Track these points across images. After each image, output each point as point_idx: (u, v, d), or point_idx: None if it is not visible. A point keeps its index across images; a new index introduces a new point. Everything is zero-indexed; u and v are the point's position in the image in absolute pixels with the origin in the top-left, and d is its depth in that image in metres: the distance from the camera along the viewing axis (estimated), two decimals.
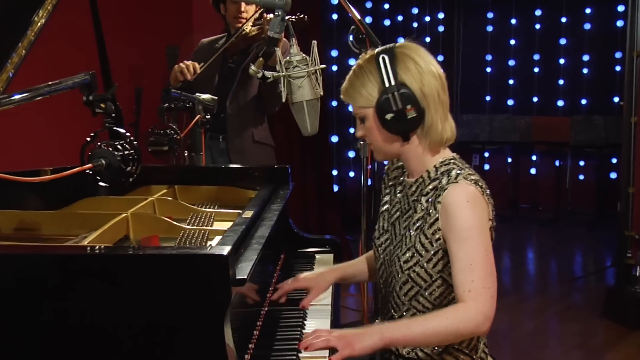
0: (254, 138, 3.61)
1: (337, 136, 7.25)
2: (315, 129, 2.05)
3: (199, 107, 2.74)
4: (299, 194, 5.95)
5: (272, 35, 2.01)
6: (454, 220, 1.67)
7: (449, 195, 1.69)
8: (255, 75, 2.02)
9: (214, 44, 3.66)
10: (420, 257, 1.76)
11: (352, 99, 1.79)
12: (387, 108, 1.73)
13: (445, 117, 1.79)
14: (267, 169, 2.64)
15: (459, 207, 1.67)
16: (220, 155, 3.59)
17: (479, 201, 1.68)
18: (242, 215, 1.94)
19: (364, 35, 2.42)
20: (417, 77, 1.73)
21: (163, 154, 2.58)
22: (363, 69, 1.77)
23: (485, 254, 1.64)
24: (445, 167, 1.78)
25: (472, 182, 1.71)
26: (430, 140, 1.78)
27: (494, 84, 8.08)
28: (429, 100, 1.75)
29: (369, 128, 1.79)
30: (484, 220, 1.68)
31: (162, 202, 2.31)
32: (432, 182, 1.78)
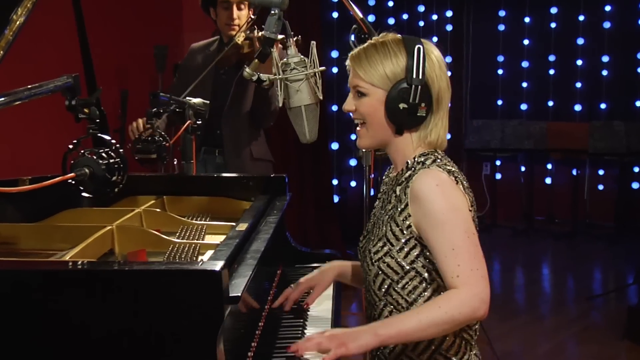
0: (253, 155, 3.63)
1: (338, 143, 7.26)
2: (315, 135, 2.06)
3: (189, 112, 2.75)
4: (297, 205, 5.95)
5: (268, 35, 2.02)
6: (426, 205, 1.70)
7: (418, 180, 1.74)
8: (250, 78, 2.03)
9: (206, 50, 3.68)
10: (391, 247, 1.79)
11: (363, 71, 1.82)
12: (403, 97, 1.77)
13: (446, 126, 1.87)
14: (262, 178, 2.64)
15: (429, 192, 1.70)
16: (216, 171, 3.60)
17: (450, 186, 1.72)
18: (236, 228, 1.94)
19: (366, 35, 2.43)
20: (438, 80, 1.82)
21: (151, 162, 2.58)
22: (388, 47, 1.81)
23: (466, 236, 1.66)
24: (423, 157, 1.83)
25: (444, 170, 1.75)
26: (425, 140, 1.84)
27: (506, 87, 8.09)
28: (440, 106, 1.83)
29: (369, 106, 1.83)
30: (459, 203, 1.71)
31: (150, 214, 2.31)
32: (408, 171, 1.83)
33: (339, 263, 2.18)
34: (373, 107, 1.82)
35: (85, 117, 1.76)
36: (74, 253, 1.76)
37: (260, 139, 3.70)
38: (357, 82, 1.83)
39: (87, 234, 1.92)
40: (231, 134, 3.59)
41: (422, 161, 1.81)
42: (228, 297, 1.43)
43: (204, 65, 3.53)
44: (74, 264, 1.47)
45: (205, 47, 3.73)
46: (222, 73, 3.61)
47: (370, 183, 2.61)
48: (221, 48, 3.61)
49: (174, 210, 2.48)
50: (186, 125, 2.75)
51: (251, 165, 3.62)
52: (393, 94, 1.78)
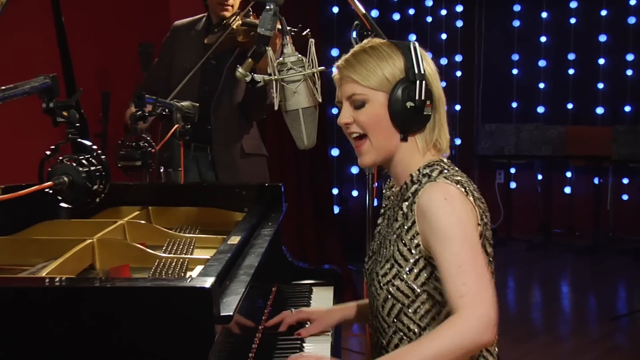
0: (244, 150, 3.63)
1: (338, 149, 7.26)
2: (313, 141, 2.07)
3: (177, 116, 2.76)
4: (294, 216, 5.95)
5: (263, 32, 2.03)
6: (432, 220, 1.71)
7: (424, 194, 1.75)
8: (243, 79, 2.04)
9: (191, 29, 3.68)
10: (400, 268, 1.80)
11: (359, 76, 1.84)
12: (409, 95, 1.80)
13: (446, 127, 1.92)
14: (256, 187, 2.65)
15: (436, 206, 1.71)
16: (208, 169, 3.62)
17: (459, 199, 1.73)
18: (228, 241, 1.95)
19: (369, 31, 2.44)
20: (434, 78, 1.87)
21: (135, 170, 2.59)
22: (380, 51, 1.85)
23: (474, 254, 1.67)
24: (429, 168, 1.85)
25: (453, 181, 1.76)
26: (431, 144, 1.87)
27: (522, 88, 8.11)
28: (440, 104, 1.88)
29: (370, 114, 1.84)
30: (468, 218, 1.72)
31: (134, 226, 2.32)
32: (413, 185, 1.84)
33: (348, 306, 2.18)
34: (375, 113, 1.84)
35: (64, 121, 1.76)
36: (51, 269, 1.76)
37: (252, 131, 3.70)
38: (353, 90, 1.85)
39: (65, 247, 1.92)
40: (221, 126, 3.60)
41: (428, 173, 1.83)
42: (219, 317, 1.43)
43: (188, 46, 3.54)
44: (51, 281, 1.47)
45: (190, 26, 3.73)
46: (212, 58, 3.62)
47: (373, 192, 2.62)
48: (209, 28, 3.62)
49: (160, 222, 2.48)
50: (174, 130, 2.76)
51: (243, 162, 3.62)
52: (397, 93, 1.81)
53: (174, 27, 3.79)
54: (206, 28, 3.64)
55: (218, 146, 3.60)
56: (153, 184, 2.86)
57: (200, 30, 3.66)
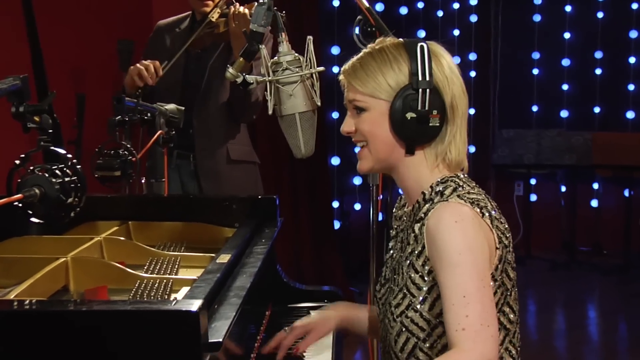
0: (230, 157, 3.64)
1: (339, 158, 7.27)
2: (311, 149, 2.08)
3: (161, 121, 2.76)
4: (290, 232, 5.96)
5: (256, 29, 2.05)
6: (440, 244, 1.71)
7: (434, 216, 1.75)
8: (234, 81, 2.05)
9: (175, 29, 3.71)
10: (413, 298, 1.80)
11: (359, 82, 1.86)
12: (410, 105, 1.80)
13: (465, 140, 1.89)
14: (248, 200, 2.65)
15: (445, 230, 1.71)
16: (191, 179, 3.62)
17: (472, 222, 1.73)
18: (217, 260, 1.95)
19: (373, 27, 2.45)
20: (450, 83, 1.85)
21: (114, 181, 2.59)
22: (386, 53, 1.85)
23: (481, 285, 1.67)
24: (442, 185, 1.85)
25: (467, 201, 1.76)
26: (442, 158, 1.86)
27: (543, 90, 8.11)
28: (456, 114, 1.85)
29: (370, 122, 1.86)
30: (480, 244, 1.72)
31: (112, 244, 2.32)
32: (425, 204, 1.84)
33: (345, 307, 2.19)
34: (375, 122, 1.85)
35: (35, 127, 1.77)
36: (20, 290, 1.77)
37: (239, 136, 3.71)
38: (354, 96, 1.87)
39: (36, 267, 1.92)
40: (204, 131, 3.61)
41: (441, 191, 1.82)
42: (207, 344, 1.44)
43: (172, 46, 3.56)
44: (20, 304, 1.47)
45: (174, 25, 3.75)
46: (195, 57, 3.64)
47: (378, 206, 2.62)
48: (193, 27, 3.64)
49: (141, 239, 2.49)
50: (156, 136, 2.76)
51: (228, 170, 3.63)
52: (398, 103, 1.81)
53: (158, 27, 3.82)
54: (190, 27, 3.66)
55: (201, 152, 3.61)
56: (134, 196, 2.86)
57: (184, 30, 3.68)
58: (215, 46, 3.61)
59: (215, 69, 3.57)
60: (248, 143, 3.79)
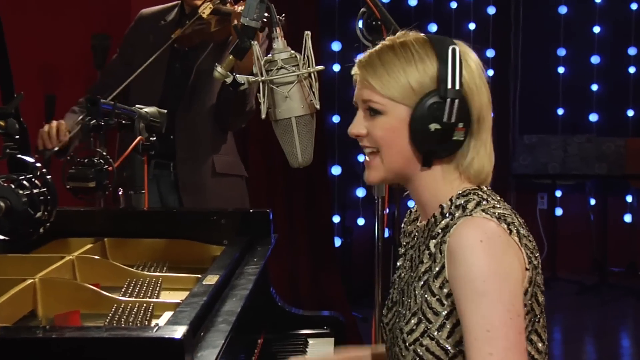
0: (215, 169, 3.64)
1: (340, 167, 7.27)
2: (309, 157, 2.08)
3: (141, 125, 2.77)
4: (285, 250, 5.96)
5: (247, 23, 2.05)
6: (462, 268, 1.70)
7: (457, 233, 1.74)
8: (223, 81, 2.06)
9: (160, 20, 3.71)
10: (429, 324, 1.79)
11: (379, 82, 1.82)
12: (435, 115, 1.78)
13: (491, 154, 1.88)
14: (239, 214, 2.66)
15: (470, 250, 1.70)
16: (171, 191, 3.62)
17: (499, 241, 1.72)
18: (203, 281, 1.96)
19: (379, 21, 2.46)
20: (478, 92, 1.83)
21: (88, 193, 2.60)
22: (411, 50, 1.82)
23: (507, 317, 1.66)
24: (463, 198, 1.84)
25: (493, 216, 1.75)
26: (463, 174, 1.86)
27: (570, 91, 8.11)
28: (482, 128, 1.84)
29: (387, 128, 1.83)
30: (509, 269, 1.71)
31: (86, 263, 2.32)
32: (444, 219, 1.83)
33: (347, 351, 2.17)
34: (393, 129, 1.82)
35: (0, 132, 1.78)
36: None
37: (226, 146, 3.71)
38: (370, 97, 1.84)
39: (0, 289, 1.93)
40: (186, 137, 3.61)
41: (463, 205, 1.81)
42: None
43: (155, 40, 3.55)
44: None
45: (160, 16, 3.74)
46: (180, 56, 3.65)
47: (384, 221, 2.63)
48: (181, 20, 3.64)
49: (118, 258, 2.49)
50: (135, 143, 2.76)
51: (213, 183, 3.63)
52: (421, 111, 1.79)
53: (140, 17, 3.81)
54: (178, 20, 3.66)
55: (182, 162, 3.61)
56: (110, 210, 2.87)
57: (170, 22, 3.68)
58: (204, 46, 3.61)
59: (203, 71, 3.57)
60: (235, 154, 3.79)
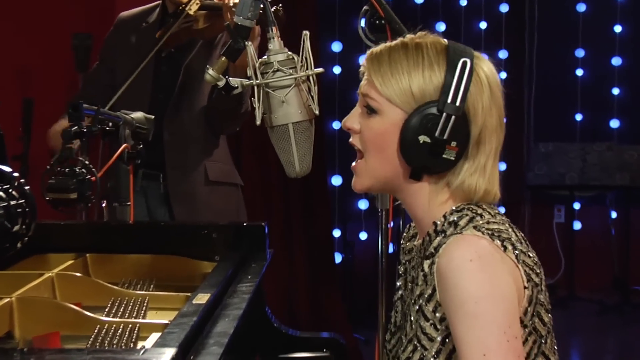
0: (208, 177, 3.64)
1: (341, 177, 7.27)
2: (308, 166, 2.09)
3: (126, 132, 2.77)
4: (282, 266, 5.96)
5: (241, 22, 2.06)
6: (453, 290, 1.70)
7: (445, 254, 1.74)
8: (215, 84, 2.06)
9: (141, 22, 3.71)
10: (424, 351, 1.80)
11: (380, 78, 1.84)
12: (427, 127, 1.79)
13: (492, 176, 1.89)
14: (231, 227, 2.66)
15: (458, 271, 1.70)
16: (160, 204, 3.62)
17: (491, 260, 1.72)
18: (193, 300, 1.96)
19: (382, 20, 2.47)
20: (484, 113, 1.84)
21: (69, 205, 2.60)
22: (423, 54, 1.84)
23: (504, 338, 1.66)
24: (457, 214, 1.84)
25: (486, 233, 1.76)
26: (451, 190, 1.86)
27: (589, 95, 8.12)
28: (481, 150, 1.85)
29: (379, 131, 1.85)
30: (504, 289, 1.71)
31: (67, 281, 2.33)
32: (437, 237, 1.84)
33: None
34: (384, 133, 1.84)
35: None
36: None
37: (219, 152, 3.71)
38: (369, 92, 1.86)
39: None
40: (176, 144, 3.62)
41: (455, 221, 1.82)
42: None
43: (139, 44, 3.56)
44: None
45: (140, 18, 3.75)
46: (166, 56, 3.67)
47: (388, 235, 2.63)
48: (164, 20, 3.64)
49: (101, 275, 2.50)
50: (120, 151, 2.76)
51: (206, 193, 3.63)
52: (414, 119, 1.80)
53: (119, 20, 3.82)
54: (160, 20, 3.67)
55: (172, 171, 3.61)
56: (92, 223, 2.88)
57: (153, 23, 3.69)
58: (192, 44, 3.62)
59: (191, 71, 3.57)
60: (229, 161, 3.79)
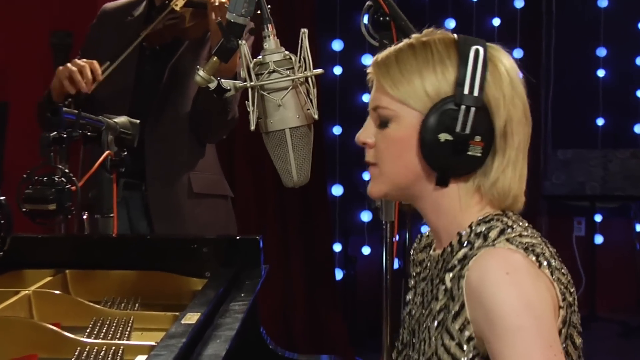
0: (193, 188, 3.63)
1: (342, 186, 7.27)
2: (306, 175, 2.10)
3: (109, 138, 2.78)
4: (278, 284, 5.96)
5: (234, 19, 2.06)
6: (489, 304, 1.70)
7: (477, 266, 1.74)
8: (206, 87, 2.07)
9: (126, 16, 3.71)
10: None
11: (391, 82, 1.84)
12: (447, 123, 1.79)
13: (522, 175, 1.88)
14: (223, 241, 2.67)
15: (495, 284, 1.70)
16: (142, 216, 3.61)
17: (527, 273, 1.72)
18: (182, 320, 1.97)
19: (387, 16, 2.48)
20: (506, 103, 1.84)
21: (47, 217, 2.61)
22: (431, 50, 1.85)
23: (551, 353, 1.67)
24: (485, 225, 1.84)
25: (520, 246, 1.76)
26: (485, 196, 1.86)
27: (611, 97, 8.11)
28: (509, 143, 1.84)
29: (396, 138, 1.85)
30: (542, 301, 1.71)
31: (45, 299, 2.33)
32: (462, 248, 1.84)
33: None
34: (401, 139, 1.84)
35: None
36: None
37: (206, 161, 3.71)
38: (379, 100, 1.86)
39: None
40: (157, 153, 3.61)
41: (484, 233, 1.82)
42: None
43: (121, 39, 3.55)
44: None
45: (125, 11, 3.74)
46: (151, 55, 3.68)
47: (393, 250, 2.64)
48: (150, 15, 3.64)
49: (82, 293, 2.50)
50: (103, 158, 2.76)
51: (190, 206, 3.61)
52: (432, 117, 1.80)
53: (103, 13, 3.82)
54: (147, 15, 3.67)
55: (154, 182, 3.60)
56: (73, 236, 2.88)
57: (138, 17, 3.69)
58: (178, 43, 3.62)
59: (177, 72, 3.56)
60: (217, 171, 3.78)
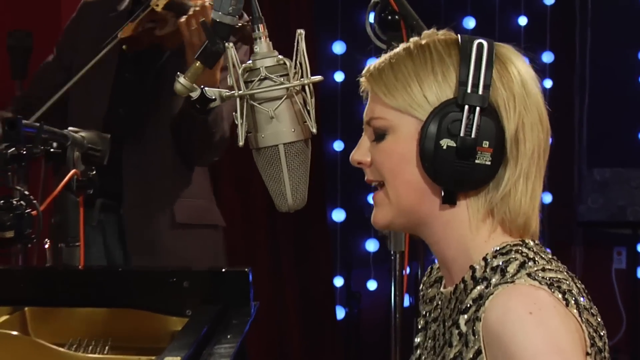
0: (175, 218, 3.62)
1: (344, 211, 7.27)
2: (302, 198, 2.10)
3: (75, 155, 2.78)
4: (270, 323, 5.97)
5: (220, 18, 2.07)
6: (511, 348, 1.70)
7: (496, 307, 1.74)
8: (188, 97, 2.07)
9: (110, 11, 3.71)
10: None
11: (384, 89, 1.86)
12: (449, 128, 1.80)
13: (537, 193, 1.87)
14: (206, 274, 2.67)
15: (517, 325, 1.70)
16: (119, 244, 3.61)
17: (553, 312, 1.72)
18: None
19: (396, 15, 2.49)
20: (519, 105, 1.84)
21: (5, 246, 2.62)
22: (430, 51, 1.86)
23: None
24: (502, 257, 1.84)
25: (543, 282, 1.75)
26: (498, 216, 1.86)
27: None
28: (522, 152, 1.84)
29: (394, 151, 1.87)
30: (571, 342, 1.71)
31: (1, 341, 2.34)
32: (477, 285, 1.84)
33: None
34: (400, 151, 1.85)
35: None
36: None
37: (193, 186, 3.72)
38: (373, 111, 1.88)
39: None
40: (137, 176, 3.63)
41: (502, 267, 1.82)
42: None
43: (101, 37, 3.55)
44: None
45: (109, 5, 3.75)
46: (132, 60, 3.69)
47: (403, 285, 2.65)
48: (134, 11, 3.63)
49: (43, 334, 2.50)
50: (68, 178, 2.77)
51: (171, 239, 3.61)
52: (432, 123, 1.80)
53: (83, 5, 3.81)
54: (130, 11, 3.66)
55: (132, 210, 3.61)
56: (33, 268, 2.88)
57: (122, 12, 3.69)
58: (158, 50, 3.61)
59: (159, 79, 3.57)
60: (207, 196, 3.77)
